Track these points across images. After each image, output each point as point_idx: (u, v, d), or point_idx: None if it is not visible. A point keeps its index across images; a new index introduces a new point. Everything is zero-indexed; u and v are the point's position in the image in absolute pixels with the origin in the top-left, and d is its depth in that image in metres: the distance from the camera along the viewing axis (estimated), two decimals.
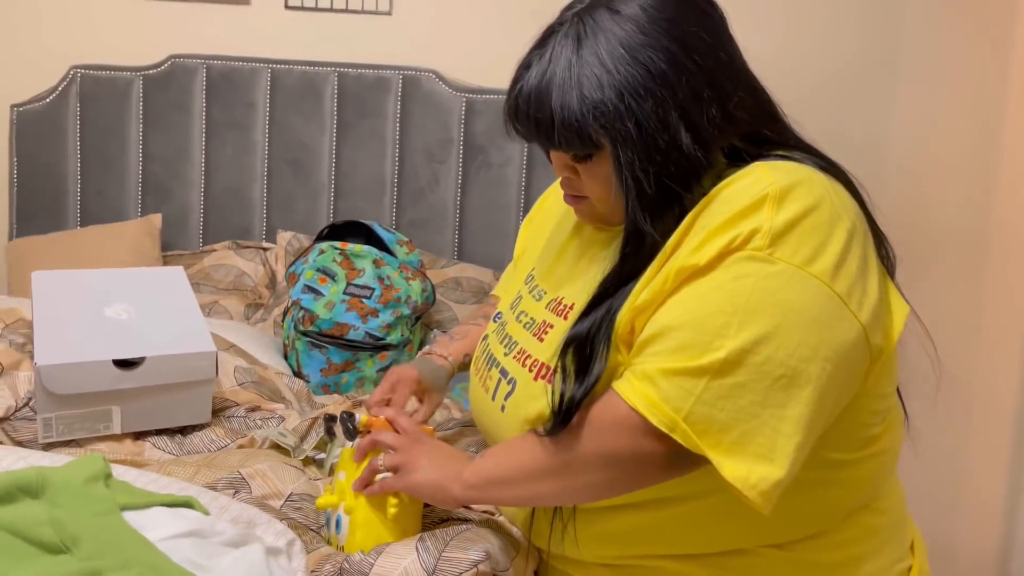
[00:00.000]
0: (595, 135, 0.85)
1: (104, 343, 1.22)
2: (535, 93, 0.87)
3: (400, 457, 0.97)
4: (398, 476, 0.96)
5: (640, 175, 0.84)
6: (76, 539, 0.76)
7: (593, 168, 0.89)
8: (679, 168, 0.84)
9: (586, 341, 0.86)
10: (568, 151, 0.90)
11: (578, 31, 0.86)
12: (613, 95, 0.83)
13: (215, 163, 2.45)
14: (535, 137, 0.90)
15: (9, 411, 1.23)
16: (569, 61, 0.85)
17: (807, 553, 0.92)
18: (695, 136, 0.84)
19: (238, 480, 1.14)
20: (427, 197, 2.43)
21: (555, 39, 0.87)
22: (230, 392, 1.39)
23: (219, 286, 2.28)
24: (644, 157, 0.83)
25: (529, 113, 0.88)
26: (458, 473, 0.94)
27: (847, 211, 0.83)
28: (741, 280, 0.79)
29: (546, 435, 0.87)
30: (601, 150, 0.87)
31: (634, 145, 0.83)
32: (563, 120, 0.85)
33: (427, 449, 0.98)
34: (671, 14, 0.85)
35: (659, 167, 0.84)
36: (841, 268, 0.80)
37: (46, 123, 2.44)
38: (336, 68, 2.41)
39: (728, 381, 0.78)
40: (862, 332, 0.81)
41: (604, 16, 0.85)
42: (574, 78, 0.84)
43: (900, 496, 1.01)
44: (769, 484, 0.78)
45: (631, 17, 0.85)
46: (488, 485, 0.93)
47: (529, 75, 0.88)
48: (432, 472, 0.95)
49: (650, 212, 0.85)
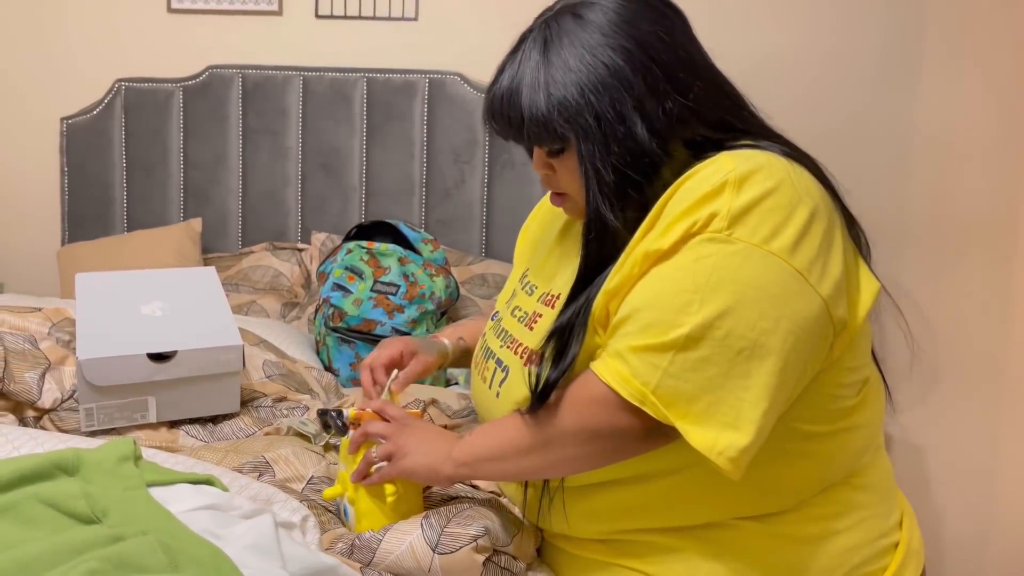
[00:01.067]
0: (560, 129, 0.92)
1: (140, 338, 1.31)
2: (507, 94, 0.94)
3: (391, 445, 1.03)
4: (391, 463, 1.02)
5: (599, 164, 0.90)
6: (106, 511, 0.84)
7: (566, 162, 0.96)
8: (635, 158, 0.90)
9: (566, 329, 0.93)
10: (540, 146, 0.97)
11: (545, 35, 0.94)
12: (575, 91, 0.90)
13: (252, 168, 2.56)
14: (509, 133, 0.98)
15: (56, 402, 1.33)
16: (537, 63, 0.93)
17: (785, 526, 0.96)
18: (650, 127, 0.90)
19: (262, 464, 1.22)
20: (454, 196, 2.50)
21: (526, 44, 0.95)
22: (259, 384, 1.48)
23: (257, 286, 2.38)
24: (603, 148, 0.90)
25: (503, 112, 0.96)
26: (447, 453, 1.00)
27: (809, 194, 0.88)
28: (702, 260, 0.84)
29: (526, 413, 0.93)
30: (568, 144, 0.93)
31: (594, 137, 0.90)
32: (532, 117, 0.93)
33: (416, 433, 1.04)
34: (629, 17, 0.92)
35: (617, 157, 0.90)
36: (800, 245, 0.84)
37: (93, 134, 2.57)
38: (365, 73, 2.49)
39: (693, 355, 0.83)
40: (823, 305, 0.85)
41: (568, 21, 0.93)
42: (541, 78, 0.92)
43: (885, 472, 1.04)
44: (736, 451, 0.82)
45: (593, 21, 0.92)
46: (477, 462, 0.99)
47: (503, 77, 0.96)
48: (422, 455, 1.01)
49: (609, 200, 0.91)
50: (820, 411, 0.93)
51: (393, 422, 1.07)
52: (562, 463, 0.94)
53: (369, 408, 1.10)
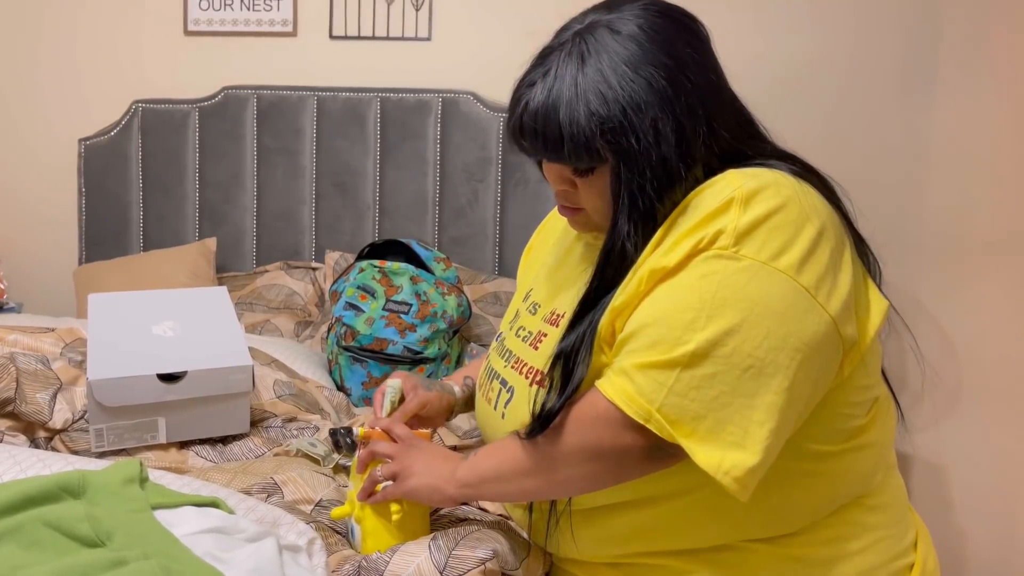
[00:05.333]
0: (601, 149, 0.88)
1: (150, 359, 1.32)
2: (542, 109, 0.90)
3: (396, 465, 1.02)
4: (396, 483, 1.02)
5: (636, 191, 0.88)
6: (110, 534, 0.84)
7: (592, 181, 0.93)
8: (662, 182, 0.88)
9: (571, 355, 0.91)
10: (575, 165, 0.92)
11: (581, 50, 0.89)
12: (618, 110, 0.86)
13: (266, 188, 2.57)
14: (542, 152, 0.93)
15: (67, 423, 1.34)
16: (575, 78, 0.88)
17: (797, 548, 0.94)
18: (684, 152, 0.87)
19: (271, 485, 1.21)
20: (467, 215, 2.50)
21: (557, 58, 0.90)
22: (269, 404, 1.47)
23: (271, 305, 2.39)
24: (640, 172, 0.87)
25: (536, 129, 0.90)
26: (451, 473, 0.99)
27: (817, 212, 0.86)
28: (708, 277, 0.83)
29: (525, 438, 0.92)
30: (603, 163, 0.90)
31: (634, 159, 0.87)
32: (572, 135, 0.88)
33: (421, 454, 1.03)
34: (667, 35, 0.89)
35: (650, 183, 0.87)
36: (807, 263, 0.83)
37: (111, 155, 2.60)
38: (378, 93, 2.51)
39: (699, 372, 0.82)
40: (832, 323, 0.84)
41: (605, 35, 0.89)
42: (580, 94, 0.87)
43: (898, 492, 1.02)
44: (742, 470, 0.80)
45: (631, 36, 0.88)
46: (480, 483, 0.98)
47: (534, 92, 0.91)
48: (426, 476, 1.00)
49: (636, 225, 0.88)
50: (830, 430, 0.91)
51: (400, 442, 1.06)
52: (566, 484, 0.93)
53: (378, 428, 1.10)
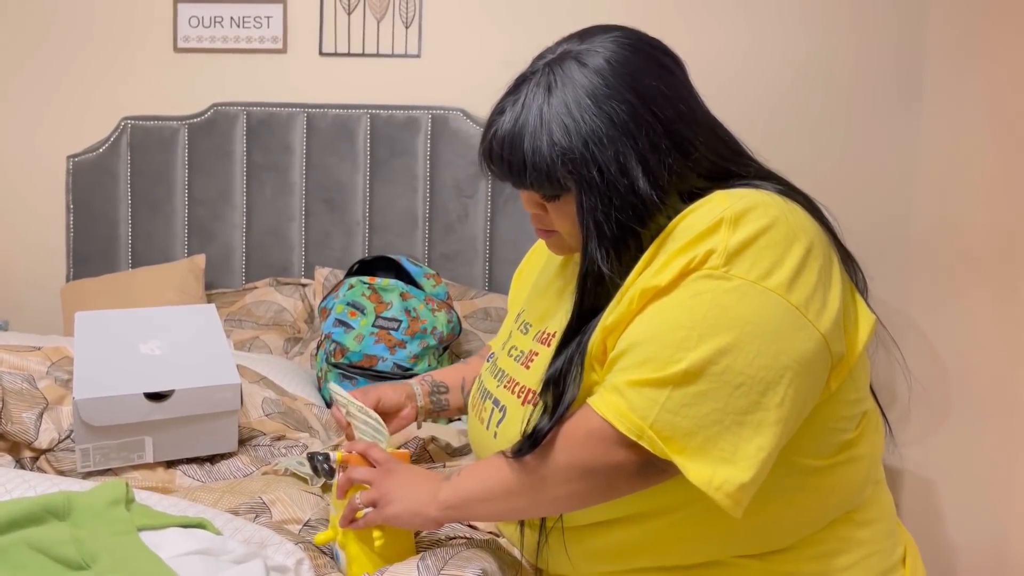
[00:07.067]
0: (562, 179, 0.91)
1: (137, 377, 1.31)
2: (508, 137, 0.92)
3: (375, 492, 1.01)
4: (376, 511, 1.00)
5: (601, 218, 0.89)
6: (95, 556, 0.83)
7: (561, 207, 0.95)
8: (636, 210, 0.89)
9: (560, 378, 0.92)
10: (538, 192, 0.95)
11: (549, 80, 0.91)
12: (579, 142, 0.89)
13: (256, 204, 2.57)
14: (508, 177, 0.96)
15: (53, 443, 1.32)
16: (540, 109, 0.90)
17: (786, 564, 0.94)
18: (651, 181, 0.89)
19: (259, 505, 1.20)
20: (457, 230, 2.51)
21: (527, 87, 0.93)
22: (257, 422, 1.47)
23: (260, 322, 2.38)
24: (605, 201, 0.89)
25: (503, 156, 0.93)
26: (432, 496, 0.98)
27: (804, 230, 0.87)
28: (699, 297, 0.83)
29: (512, 457, 0.91)
30: (568, 192, 0.92)
31: (596, 190, 0.89)
32: (534, 164, 0.91)
33: (400, 479, 1.01)
34: (633, 68, 0.91)
35: (618, 210, 0.89)
36: (796, 281, 0.84)
37: (99, 172, 2.59)
38: (368, 110, 2.51)
39: (691, 390, 0.82)
40: (822, 341, 0.85)
41: (572, 67, 0.91)
42: (545, 125, 0.90)
43: (887, 507, 1.03)
44: (734, 486, 0.81)
45: (597, 70, 0.90)
46: (465, 504, 0.97)
47: (503, 120, 0.93)
48: (407, 501, 0.99)
49: (608, 252, 0.90)
50: (820, 444, 0.92)
51: (378, 467, 1.05)
52: (555, 502, 0.92)
53: (355, 451, 1.09)
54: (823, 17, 2.40)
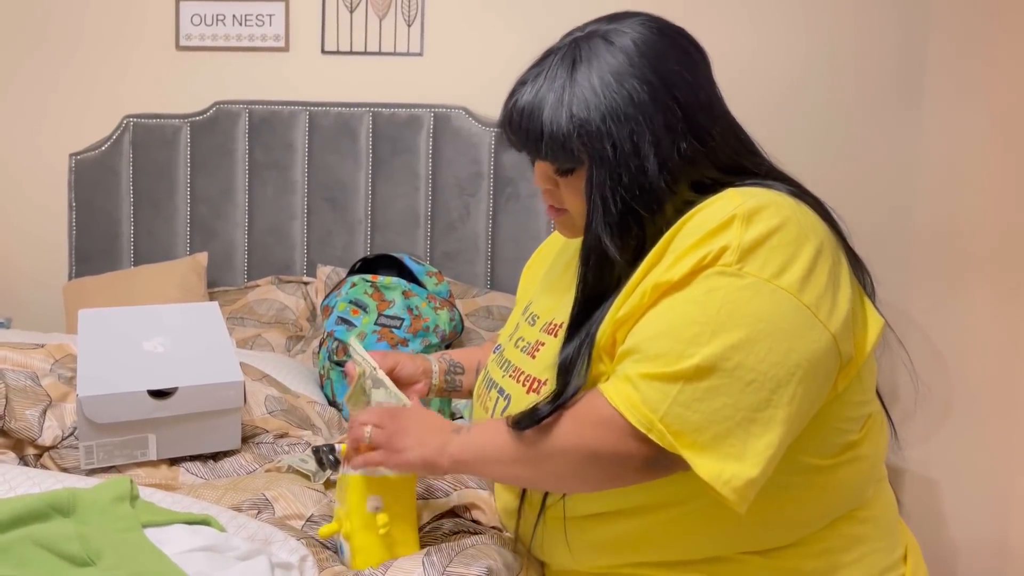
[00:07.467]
0: (577, 151, 0.92)
1: (140, 375, 1.31)
2: (528, 107, 0.94)
3: (384, 435, 0.99)
4: (386, 453, 0.99)
5: (608, 194, 0.90)
6: (100, 553, 0.83)
7: (573, 182, 0.96)
8: (643, 192, 0.90)
9: (570, 366, 0.92)
10: (552, 163, 0.96)
11: (574, 55, 0.93)
12: (597, 117, 0.90)
13: (258, 202, 2.57)
14: (525, 146, 0.97)
15: (56, 440, 1.32)
16: (563, 81, 0.92)
17: (788, 560, 0.94)
18: (662, 164, 0.90)
19: (262, 501, 1.20)
20: (459, 229, 2.51)
21: (552, 60, 0.95)
22: (260, 420, 1.47)
23: (262, 320, 2.38)
24: (615, 178, 0.90)
25: (521, 124, 0.95)
26: (443, 446, 0.97)
27: (815, 231, 0.88)
28: (713, 293, 0.84)
29: (511, 427, 0.92)
30: (581, 166, 0.93)
31: (608, 165, 0.90)
32: (551, 134, 0.92)
33: (411, 424, 1.00)
34: (658, 52, 0.92)
35: (626, 189, 0.90)
36: (808, 281, 0.85)
37: (101, 170, 2.59)
38: (370, 108, 2.51)
39: (702, 385, 0.83)
40: (832, 341, 0.85)
41: (599, 44, 0.93)
42: (566, 97, 0.91)
43: (889, 506, 1.03)
44: (742, 482, 0.81)
45: (622, 48, 0.92)
46: (473, 461, 0.97)
47: (525, 90, 0.95)
48: (419, 449, 0.98)
49: (611, 229, 0.91)
50: (825, 444, 0.92)
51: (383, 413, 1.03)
52: (554, 479, 0.94)
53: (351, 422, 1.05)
54: (826, 18, 2.40)
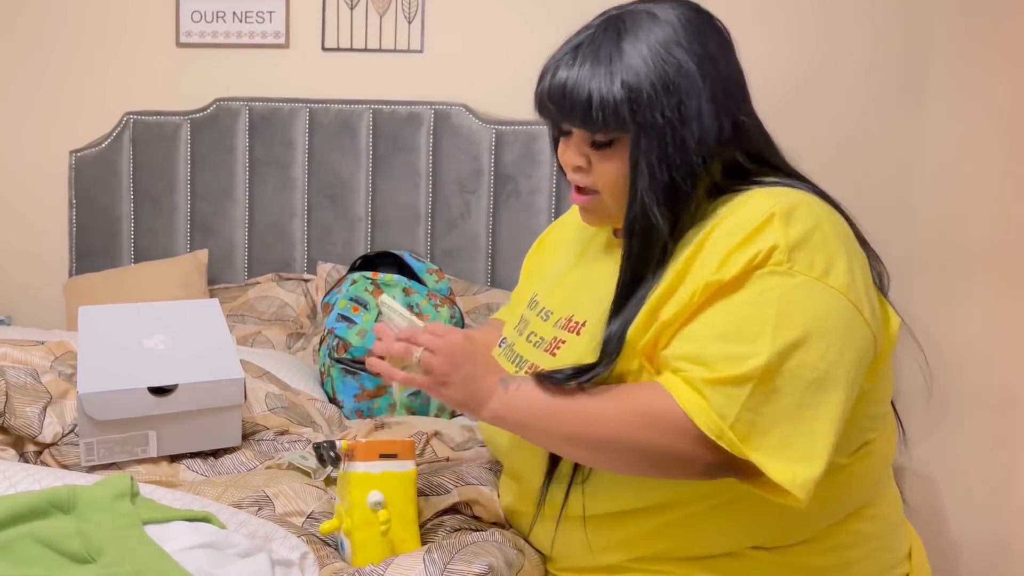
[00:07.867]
0: (627, 118, 0.92)
1: (141, 372, 1.31)
2: (573, 78, 0.93)
3: (436, 360, 0.96)
4: (432, 380, 0.97)
5: (655, 161, 0.91)
6: (100, 550, 0.83)
7: (609, 155, 0.96)
8: (683, 164, 0.91)
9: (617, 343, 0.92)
10: (598, 131, 0.95)
11: (618, 27, 0.94)
12: (647, 84, 0.91)
13: (258, 200, 2.57)
14: (567, 115, 0.95)
15: (56, 437, 1.33)
16: (610, 52, 0.93)
17: (799, 556, 0.95)
18: (703, 137, 0.91)
19: (263, 498, 1.20)
20: (459, 226, 2.50)
21: (588, 34, 0.95)
22: (261, 417, 1.47)
23: (262, 317, 2.38)
24: (661, 146, 0.91)
25: (565, 94, 0.94)
26: (486, 399, 0.96)
27: (845, 231, 0.91)
28: (767, 293, 0.85)
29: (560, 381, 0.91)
30: (625, 135, 0.93)
31: (656, 133, 0.91)
32: (601, 100, 0.92)
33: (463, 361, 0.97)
34: (700, 27, 0.95)
35: (669, 159, 0.91)
36: (852, 280, 0.87)
37: (102, 167, 2.59)
38: (371, 105, 2.51)
39: (768, 386, 0.83)
40: (872, 338, 0.88)
41: (643, 17, 0.94)
42: (614, 65, 0.92)
43: (894, 503, 1.04)
44: (812, 482, 0.83)
45: (668, 21, 0.94)
46: (515, 424, 0.96)
47: (563, 63, 0.95)
48: (463, 389, 0.96)
49: (656, 198, 0.91)
50: (848, 442, 0.93)
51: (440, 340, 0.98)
52: (602, 463, 0.94)
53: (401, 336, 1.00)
54: (829, 19, 2.39)
